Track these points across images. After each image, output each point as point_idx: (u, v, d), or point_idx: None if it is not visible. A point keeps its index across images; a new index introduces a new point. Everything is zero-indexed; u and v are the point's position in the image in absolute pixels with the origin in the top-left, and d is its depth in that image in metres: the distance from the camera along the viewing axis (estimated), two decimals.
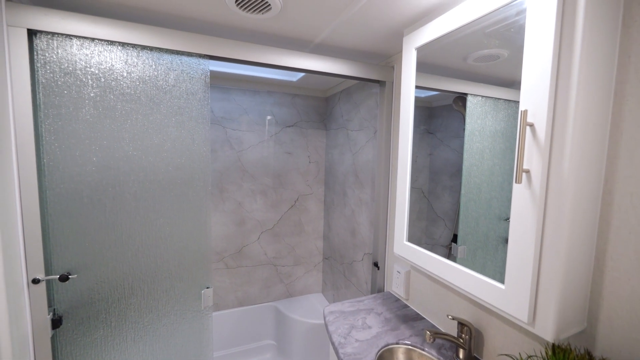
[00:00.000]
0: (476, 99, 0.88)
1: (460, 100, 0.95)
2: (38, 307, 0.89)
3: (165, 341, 1.10)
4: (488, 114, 0.83)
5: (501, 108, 0.79)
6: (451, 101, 0.99)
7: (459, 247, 0.94)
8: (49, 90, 0.88)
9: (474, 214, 0.88)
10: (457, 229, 0.94)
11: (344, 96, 1.90)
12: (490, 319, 0.88)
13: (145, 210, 1.02)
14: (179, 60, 1.02)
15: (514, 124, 0.73)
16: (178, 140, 1.04)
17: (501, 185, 0.77)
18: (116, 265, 1.00)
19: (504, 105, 0.78)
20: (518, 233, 0.65)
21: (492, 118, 0.82)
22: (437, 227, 1.04)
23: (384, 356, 0.96)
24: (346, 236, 1.87)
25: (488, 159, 0.82)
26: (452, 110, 0.98)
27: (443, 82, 1.00)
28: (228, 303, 2.00)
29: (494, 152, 0.80)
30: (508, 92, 0.75)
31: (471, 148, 0.88)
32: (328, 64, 1.21)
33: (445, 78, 0.98)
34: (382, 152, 1.36)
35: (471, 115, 0.88)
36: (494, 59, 0.80)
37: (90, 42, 0.90)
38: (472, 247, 0.88)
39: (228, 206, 1.93)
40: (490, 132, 0.82)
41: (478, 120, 0.86)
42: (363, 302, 1.25)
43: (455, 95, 0.97)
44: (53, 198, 0.91)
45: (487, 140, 0.83)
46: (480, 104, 0.86)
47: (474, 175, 0.87)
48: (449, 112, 0.99)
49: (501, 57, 0.78)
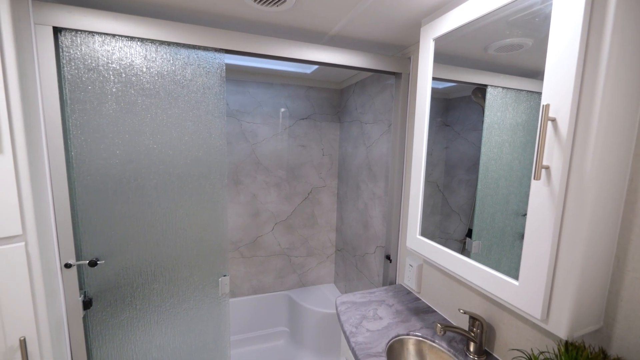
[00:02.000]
0: (496, 90, 0.85)
1: (479, 92, 0.92)
2: (70, 290, 0.96)
3: (186, 325, 1.16)
4: (509, 106, 0.80)
5: (523, 100, 0.76)
6: (470, 93, 0.96)
7: (473, 242, 0.93)
8: (74, 86, 0.92)
9: (490, 209, 0.86)
10: (472, 223, 0.93)
11: (359, 88, 1.88)
12: (502, 314, 0.87)
13: (166, 201, 1.06)
14: (196, 55, 1.04)
15: (536, 117, 0.71)
16: (195, 134, 1.07)
17: (520, 181, 0.75)
18: (140, 253, 1.06)
19: (526, 97, 0.75)
20: (534, 230, 0.64)
21: (513, 110, 0.79)
22: (451, 222, 1.03)
23: (395, 347, 0.98)
24: (359, 229, 1.89)
25: (507, 153, 0.80)
26: (471, 102, 0.96)
27: (462, 73, 0.97)
28: (244, 291, 2.07)
29: (514, 146, 0.78)
30: (531, 83, 0.72)
31: (490, 141, 0.86)
32: (343, 56, 1.20)
33: (464, 69, 0.96)
34: (396, 145, 1.35)
35: (491, 107, 0.86)
36: (517, 48, 0.77)
37: (112, 38, 0.93)
38: (487, 243, 0.87)
39: (243, 198, 1.98)
40: (510, 125, 0.80)
41: (498, 113, 0.84)
42: (374, 293, 1.27)
43: (475, 87, 0.94)
44: (81, 189, 0.96)
45: (507, 133, 0.80)
46: (501, 95, 0.83)
47: (492, 169, 0.85)
48: (468, 104, 0.97)
49: (525, 46, 0.74)
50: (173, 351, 1.15)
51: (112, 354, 1.07)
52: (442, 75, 1.00)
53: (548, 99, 0.61)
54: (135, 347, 1.10)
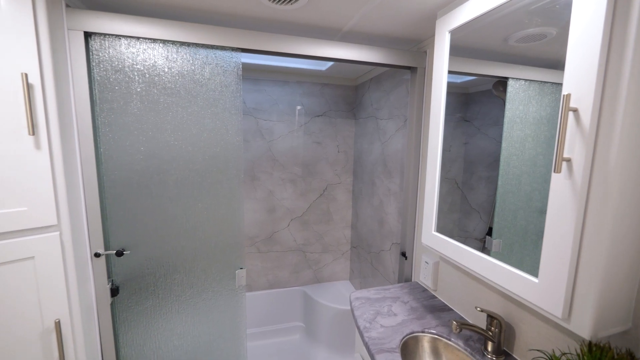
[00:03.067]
0: (518, 83, 0.82)
1: (501, 85, 0.89)
2: (99, 278, 1.02)
3: (204, 315, 1.21)
4: (532, 99, 0.78)
5: (547, 92, 0.73)
6: (490, 86, 0.93)
7: (493, 241, 0.91)
8: (103, 87, 0.98)
9: (511, 207, 0.84)
10: (493, 222, 0.91)
11: (374, 84, 1.86)
12: (522, 313, 0.85)
13: (185, 195, 1.11)
14: (214, 55, 1.07)
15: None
16: (213, 131, 1.11)
17: (544, 177, 0.72)
18: (162, 245, 1.11)
19: (550, 89, 0.72)
20: (555, 225, 0.62)
21: (537, 103, 0.76)
22: (470, 220, 1.01)
23: (409, 343, 0.97)
24: (374, 226, 1.88)
25: (530, 148, 0.77)
26: (492, 96, 0.93)
27: (480, 66, 0.95)
28: (260, 285, 2.12)
29: (538, 140, 0.75)
30: (556, 74, 0.69)
31: (511, 136, 0.83)
32: (357, 51, 1.20)
33: (483, 61, 0.93)
34: (412, 140, 1.33)
35: (512, 100, 0.83)
36: (540, 38, 0.74)
37: (136, 40, 0.99)
38: (509, 241, 0.84)
39: (259, 194, 2.02)
40: (534, 118, 0.77)
41: (520, 106, 0.81)
42: (389, 290, 1.27)
43: (496, 80, 0.91)
44: (109, 184, 1.02)
45: (530, 127, 0.78)
46: (523, 88, 0.80)
47: (514, 165, 0.82)
48: (488, 98, 0.94)
49: (548, 35, 0.71)
50: (193, 339, 1.21)
51: (136, 340, 1.13)
52: (459, 69, 0.98)
53: (569, 89, 0.58)
54: (158, 334, 1.16)
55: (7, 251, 0.77)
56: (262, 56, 1.72)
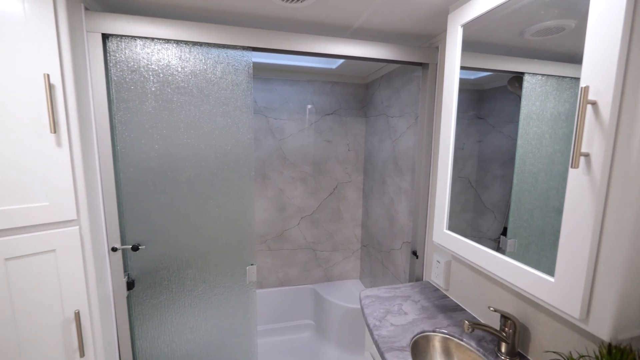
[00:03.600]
0: (535, 78, 0.80)
1: (517, 81, 0.87)
2: (116, 271, 1.06)
3: (216, 309, 1.23)
4: (549, 95, 0.75)
5: (566, 87, 0.71)
6: (506, 82, 0.91)
7: (508, 241, 0.89)
8: (119, 87, 1.01)
9: (528, 206, 0.81)
10: (508, 221, 0.89)
11: (385, 82, 1.85)
12: (537, 314, 0.82)
13: (198, 192, 1.14)
14: (225, 54, 1.09)
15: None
16: (225, 129, 1.13)
17: (562, 175, 0.70)
18: (175, 240, 1.14)
19: (569, 84, 0.70)
20: (572, 222, 0.60)
21: (555, 99, 0.74)
22: (484, 220, 0.99)
23: (419, 342, 0.96)
24: (384, 224, 1.86)
25: (547, 145, 0.75)
26: (507, 92, 0.90)
27: (495, 61, 0.93)
28: (270, 282, 2.14)
29: (555, 137, 0.73)
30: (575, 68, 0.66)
31: (527, 133, 0.81)
32: (367, 48, 1.19)
33: (498, 56, 0.91)
34: (423, 138, 1.31)
35: (528, 96, 0.81)
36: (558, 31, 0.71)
37: (151, 41, 1.01)
38: (525, 241, 0.82)
39: (270, 192, 2.04)
40: (551, 115, 0.74)
41: (537, 102, 0.78)
42: (400, 289, 1.25)
43: (512, 76, 0.89)
44: (125, 181, 1.06)
45: (547, 124, 0.75)
46: (540, 83, 0.78)
47: (530, 163, 0.80)
48: (503, 94, 0.92)
49: (567, 28, 0.69)
50: (205, 333, 1.23)
51: (151, 332, 1.16)
52: (472, 64, 0.96)
53: (588, 80, 0.56)
54: (172, 327, 1.19)
55: (30, 244, 0.81)
56: (272, 55, 1.73)
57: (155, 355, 1.18)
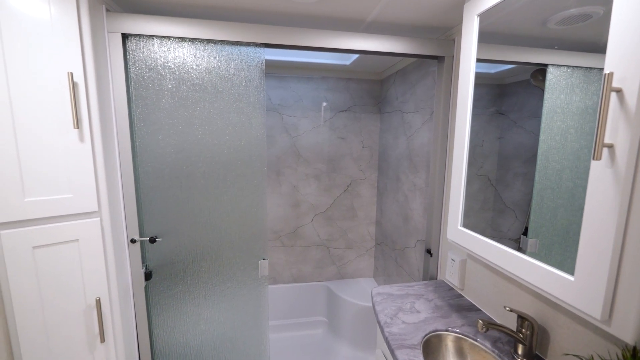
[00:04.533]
0: (560, 70, 0.75)
1: (540, 74, 0.82)
2: (135, 262, 1.10)
3: (229, 301, 1.26)
4: (575, 87, 0.71)
5: (593, 79, 0.66)
6: (528, 76, 0.87)
7: (529, 240, 0.85)
8: (138, 85, 1.05)
9: (550, 204, 0.77)
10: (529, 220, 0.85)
11: (399, 77, 1.81)
12: (557, 316, 0.78)
13: (212, 187, 1.16)
14: (238, 50, 1.11)
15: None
16: (238, 125, 1.15)
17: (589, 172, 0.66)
18: (190, 233, 1.17)
19: (597, 76, 0.65)
20: (594, 217, 0.56)
21: (581, 92, 0.69)
22: (505, 219, 0.95)
23: (432, 341, 0.94)
24: (398, 222, 1.83)
25: (573, 141, 0.71)
26: (530, 86, 0.86)
27: (515, 53, 0.88)
28: (284, 278, 2.16)
29: (582, 132, 0.68)
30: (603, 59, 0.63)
31: (551, 128, 0.77)
32: (381, 42, 1.17)
33: (519, 48, 0.87)
34: (438, 133, 1.28)
35: (552, 89, 0.77)
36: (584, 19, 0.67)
37: (167, 40, 1.05)
38: (547, 241, 0.78)
39: (284, 189, 2.06)
40: (577, 108, 0.70)
41: (561, 95, 0.74)
42: (413, 287, 1.23)
43: (535, 69, 0.85)
44: (143, 175, 1.10)
45: (573, 118, 0.71)
46: (565, 75, 0.74)
47: (554, 159, 0.76)
48: (525, 88, 0.88)
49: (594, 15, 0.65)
50: (218, 325, 1.26)
51: (167, 322, 1.21)
52: (491, 56, 0.92)
53: (612, 67, 0.53)
54: (187, 318, 1.22)
55: (56, 233, 0.86)
56: (286, 52, 1.74)
57: (172, 344, 1.22)
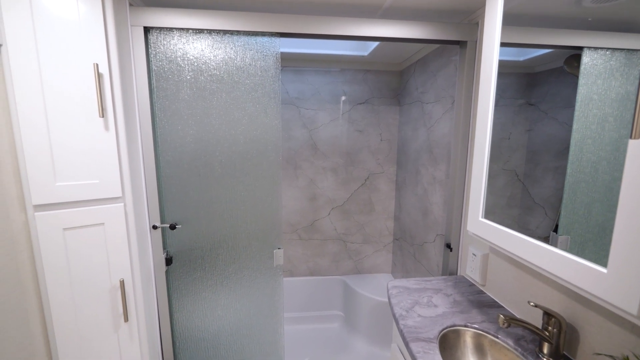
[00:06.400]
0: (597, 53, 0.69)
1: (575, 60, 0.76)
2: (156, 247, 1.15)
3: (245, 289, 1.28)
4: (615, 72, 0.65)
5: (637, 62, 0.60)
6: (562, 63, 0.80)
7: (559, 237, 0.79)
8: (159, 76, 1.09)
9: (584, 199, 0.71)
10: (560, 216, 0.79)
11: (419, 67, 1.75)
12: (588, 313, 0.72)
13: (229, 176, 1.19)
14: (254, 41, 1.11)
15: None
16: (254, 114, 1.16)
17: None
18: (208, 221, 1.20)
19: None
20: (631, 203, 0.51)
21: (622, 76, 0.63)
22: (533, 216, 0.89)
23: (449, 336, 0.91)
24: (417, 216, 1.78)
25: (612, 130, 0.64)
26: (563, 74, 0.80)
27: (545, 35, 0.82)
28: (300, 271, 2.18)
29: (622, 120, 0.62)
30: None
31: (586, 116, 0.70)
32: (400, 28, 1.14)
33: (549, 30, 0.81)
34: (460, 122, 1.22)
35: (588, 74, 0.70)
36: None
37: (186, 32, 1.07)
38: (580, 239, 0.72)
39: (301, 182, 2.06)
40: (617, 95, 0.63)
41: (598, 81, 0.68)
42: (431, 282, 1.19)
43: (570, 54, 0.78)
44: (164, 164, 1.14)
45: (611, 105, 0.64)
46: (603, 59, 0.67)
47: (589, 150, 0.70)
48: (558, 77, 0.81)
49: None
50: (234, 312, 1.29)
51: (186, 306, 1.25)
52: (518, 40, 0.86)
53: None
54: (205, 303, 1.26)
55: (83, 216, 0.91)
56: (303, 45, 1.74)
57: (190, 327, 1.27)
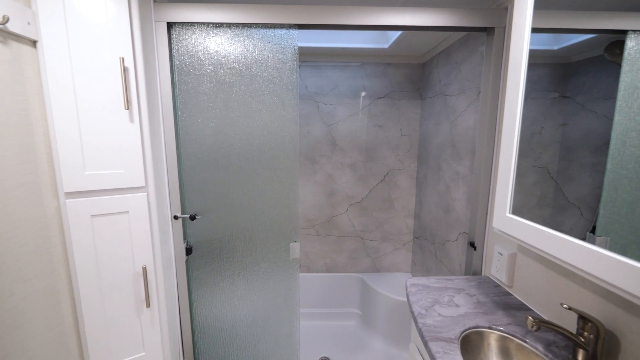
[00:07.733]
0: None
1: (617, 47, 0.69)
2: (177, 237, 1.18)
3: (262, 281, 1.29)
4: None
5: None
6: (602, 51, 0.74)
7: (597, 238, 0.72)
8: (181, 70, 1.12)
9: (627, 197, 0.64)
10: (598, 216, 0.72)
11: (443, 58, 1.68)
12: (631, 319, 0.65)
13: (247, 169, 1.20)
14: (272, 33, 1.11)
15: None
16: (272, 107, 1.16)
17: None
18: (226, 213, 1.22)
19: None
20: None
21: None
22: (567, 217, 0.82)
23: (471, 338, 0.86)
24: (439, 214, 1.71)
25: None
26: (603, 63, 0.73)
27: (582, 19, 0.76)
28: (318, 267, 2.17)
29: None
30: None
31: (630, 107, 0.64)
32: (422, 16, 1.09)
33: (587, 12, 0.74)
34: (486, 114, 1.15)
35: (633, 61, 0.63)
36: None
37: (206, 26, 1.09)
38: (622, 240, 0.65)
39: (319, 177, 2.05)
40: None
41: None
42: (453, 281, 1.14)
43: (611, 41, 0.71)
44: (185, 157, 1.17)
45: None
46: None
47: (632, 144, 0.63)
48: (597, 66, 0.74)
49: None
50: (251, 303, 1.30)
51: (205, 295, 1.28)
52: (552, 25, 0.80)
53: None
54: (222, 293, 1.29)
55: (110, 204, 0.95)
56: (321, 39, 1.72)
57: (209, 316, 1.29)
